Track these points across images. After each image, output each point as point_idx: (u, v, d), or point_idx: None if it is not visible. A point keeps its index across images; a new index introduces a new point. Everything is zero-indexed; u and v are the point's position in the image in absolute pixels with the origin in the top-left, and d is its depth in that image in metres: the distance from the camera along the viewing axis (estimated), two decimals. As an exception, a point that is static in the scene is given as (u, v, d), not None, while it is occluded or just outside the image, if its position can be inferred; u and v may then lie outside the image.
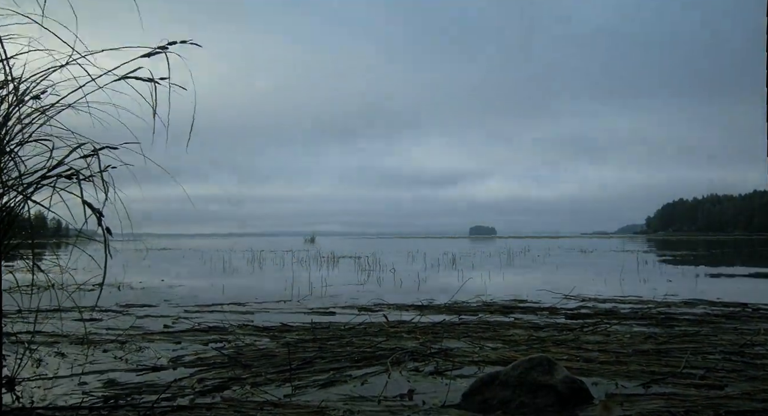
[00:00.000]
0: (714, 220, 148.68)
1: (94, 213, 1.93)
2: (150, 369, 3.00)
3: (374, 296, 6.33)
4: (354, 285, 8.14)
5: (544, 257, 17.49)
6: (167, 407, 2.29)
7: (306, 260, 15.25)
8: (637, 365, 2.98)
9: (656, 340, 3.68)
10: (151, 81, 2.09)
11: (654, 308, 5.35)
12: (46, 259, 3.15)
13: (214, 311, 5.35)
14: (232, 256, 18.07)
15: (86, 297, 5.34)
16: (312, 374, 2.87)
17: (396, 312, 5.23)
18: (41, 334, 3.86)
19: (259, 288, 7.80)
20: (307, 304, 5.91)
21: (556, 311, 5.23)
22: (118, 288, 7.58)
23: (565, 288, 6.99)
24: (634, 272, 10.43)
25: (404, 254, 19.62)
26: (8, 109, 2.08)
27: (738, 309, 5.20)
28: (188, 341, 3.80)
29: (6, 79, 2.04)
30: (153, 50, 2.05)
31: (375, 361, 3.12)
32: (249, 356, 3.25)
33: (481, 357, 3.18)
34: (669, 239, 62.11)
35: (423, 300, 6.04)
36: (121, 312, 5.29)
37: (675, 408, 2.23)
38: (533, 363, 2.42)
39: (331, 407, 2.31)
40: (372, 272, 10.84)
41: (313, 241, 41.49)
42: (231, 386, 2.64)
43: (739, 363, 3.02)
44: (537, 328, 4.24)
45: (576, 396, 2.35)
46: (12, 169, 2.13)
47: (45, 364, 3.10)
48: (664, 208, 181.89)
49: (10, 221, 2.11)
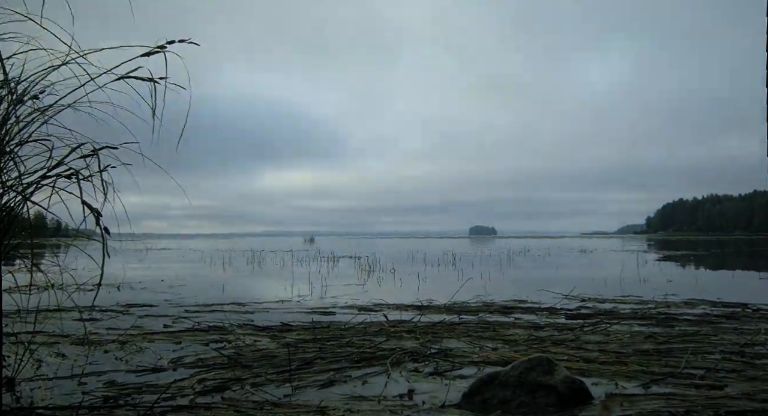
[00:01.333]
0: (714, 220, 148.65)
1: (92, 213, 1.93)
2: (150, 369, 3.00)
3: (374, 296, 6.32)
4: (354, 285, 8.13)
5: (544, 257, 17.50)
6: (167, 407, 2.29)
7: (306, 260, 15.25)
8: (637, 365, 2.97)
9: (656, 340, 3.68)
10: (151, 81, 2.09)
11: (654, 308, 5.35)
12: (46, 259, 3.15)
13: (214, 310, 5.35)
14: (232, 256, 18.07)
15: (86, 297, 5.34)
16: (312, 374, 2.87)
17: (396, 311, 5.23)
18: (41, 334, 3.86)
19: (259, 288, 7.80)
20: (307, 304, 5.91)
21: (556, 311, 5.23)
22: (118, 288, 7.57)
23: (565, 288, 6.99)
24: (634, 272, 10.43)
25: (404, 254, 19.62)
26: (7, 109, 2.08)
27: (738, 309, 5.20)
28: (188, 341, 3.80)
29: (5, 78, 2.04)
30: (152, 49, 2.05)
31: (375, 361, 3.11)
32: (249, 356, 3.25)
33: (481, 357, 3.18)
34: (669, 239, 62.10)
35: (423, 300, 6.03)
36: (122, 311, 5.29)
37: (675, 408, 2.23)
38: (533, 363, 2.42)
39: (331, 407, 2.31)
40: (372, 272, 10.84)
41: (313, 241, 41.56)
42: (231, 386, 2.64)
43: (739, 363, 3.02)
44: (537, 328, 4.24)
45: (576, 396, 2.35)
46: (12, 169, 2.13)
47: (45, 364, 3.10)
48: (664, 208, 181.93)
49: (9, 221, 2.11)
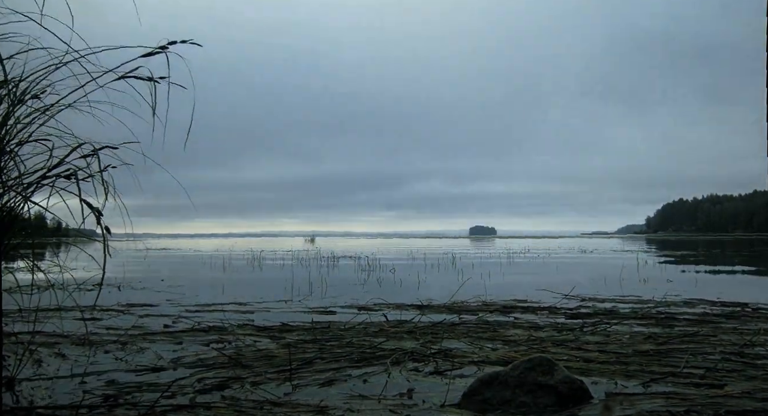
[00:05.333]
0: (714, 220, 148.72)
1: (93, 212, 1.93)
2: (150, 369, 3.00)
3: (374, 296, 6.32)
4: (354, 285, 8.14)
5: (544, 257, 17.50)
6: (167, 406, 2.30)
7: (306, 260, 15.26)
8: (637, 365, 2.98)
9: (656, 340, 3.68)
10: (151, 80, 2.09)
11: (654, 308, 5.35)
12: (46, 259, 3.15)
13: (215, 310, 5.35)
14: (232, 256, 18.08)
15: (86, 297, 5.34)
16: (312, 373, 2.87)
17: (396, 311, 5.23)
18: (41, 334, 3.86)
19: (260, 288, 7.80)
20: (307, 304, 5.91)
21: (556, 311, 5.23)
22: (118, 288, 7.58)
23: (565, 288, 6.99)
24: (634, 272, 10.43)
25: (404, 254, 19.62)
26: (8, 108, 2.08)
27: (738, 309, 5.20)
28: (189, 341, 3.80)
29: (5, 78, 2.04)
30: (153, 50, 2.05)
31: (375, 361, 3.12)
32: (249, 356, 3.25)
33: (480, 357, 3.18)
34: (669, 239, 62.09)
35: (423, 300, 6.04)
36: (122, 311, 5.30)
37: (675, 407, 2.23)
38: (533, 363, 2.43)
39: (331, 406, 2.32)
40: (372, 272, 10.84)
41: (313, 241, 41.60)
42: (231, 385, 2.64)
43: (739, 362, 3.02)
44: (537, 328, 4.24)
45: (576, 396, 2.35)
46: (12, 169, 2.13)
47: (45, 364, 3.10)
48: (664, 208, 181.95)
49: (10, 221, 2.11)
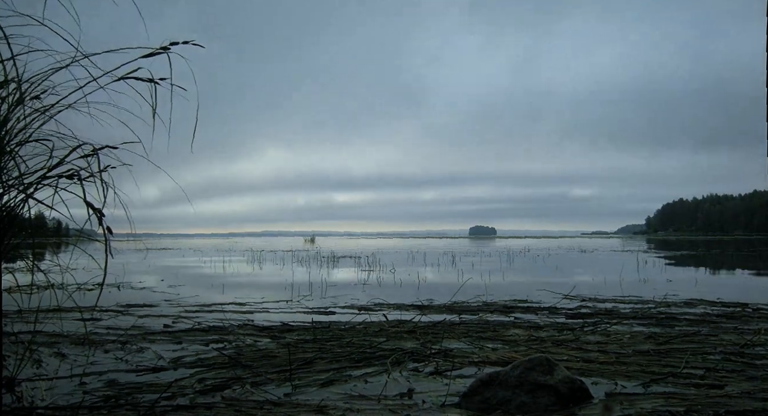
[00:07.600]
0: (714, 220, 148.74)
1: (95, 213, 1.93)
2: (150, 369, 3.00)
3: (374, 296, 6.33)
4: (354, 285, 8.14)
5: (544, 257, 17.50)
6: (168, 406, 2.30)
7: (306, 260, 15.26)
8: (637, 365, 2.98)
9: (656, 340, 3.68)
10: (151, 81, 2.09)
11: (654, 308, 5.35)
12: (47, 259, 3.15)
13: (215, 310, 5.35)
14: (232, 256, 18.07)
15: (86, 297, 5.35)
16: (312, 373, 2.87)
17: (396, 311, 5.23)
18: (41, 334, 3.86)
19: (259, 288, 7.80)
20: (307, 304, 5.91)
21: (556, 311, 5.23)
22: (118, 288, 7.58)
23: (565, 288, 7.00)
24: (634, 272, 10.43)
25: (404, 254, 19.62)
26: (9, 109, 2.08)
27: (738, 309, 5.21)
28: (189, 341, 3.80)
29: (6, 79, 2.04)
30: (155, 51, 2.06)
31: (375, 361, 3.12)
32: (249, 356, 3.26)
33: (481, 358, 3.18)
34: (669, 239, 62.09)
35: (423, 300, 6.04)
36: (122, 311, 5.30)
37: (674, 407, 2.23)
38: (533, 363, 2.43)
39: (331, 406, 2.32)
40: (372, 272, 10.84)
41: (313, 241, 41.61)
42: (231, 385, 2.64)
43: (739, 363, 3.03)
44: (537, 328, 4.24)
45: (576, 395, 2.35)
46: (12, 169, 2.13)
47: (45, 364, 3.10)
48: (664, 208, 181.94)
49: (10, 220, 2.11)
